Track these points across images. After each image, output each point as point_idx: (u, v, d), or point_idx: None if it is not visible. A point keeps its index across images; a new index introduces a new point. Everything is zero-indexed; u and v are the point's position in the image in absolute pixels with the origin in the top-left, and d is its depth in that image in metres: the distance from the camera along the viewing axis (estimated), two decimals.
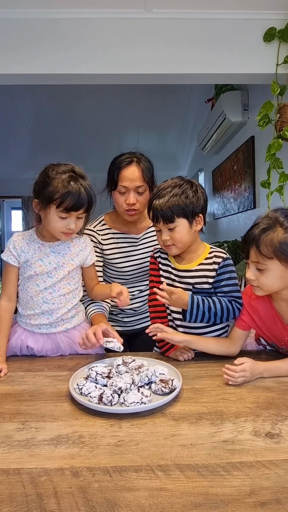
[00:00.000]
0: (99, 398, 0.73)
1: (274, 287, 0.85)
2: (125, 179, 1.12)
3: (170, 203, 0.93)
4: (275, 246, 0.79)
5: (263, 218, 0.85)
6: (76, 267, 1.06)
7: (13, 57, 1.63)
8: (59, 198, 0.93)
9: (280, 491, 0.50)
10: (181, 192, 0.94)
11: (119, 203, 1.17)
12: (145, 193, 1.15)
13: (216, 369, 0.93)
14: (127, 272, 1.26)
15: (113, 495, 0.50)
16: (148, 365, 0.88)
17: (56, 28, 1.63)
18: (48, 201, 0.94)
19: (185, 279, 1.00)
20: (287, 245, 0.79)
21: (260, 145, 2.22)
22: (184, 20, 1.66)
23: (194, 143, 3.98)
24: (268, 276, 0.83)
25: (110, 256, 1.24)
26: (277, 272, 0.82)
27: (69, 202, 0.93)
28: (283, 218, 0.82)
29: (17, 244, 1.03)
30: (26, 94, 3.11)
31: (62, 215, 0.95)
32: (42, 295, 1.02)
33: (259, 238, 0.81)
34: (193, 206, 0.95)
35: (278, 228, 0.81)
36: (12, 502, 0.49)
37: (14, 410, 0.74)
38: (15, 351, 1.06)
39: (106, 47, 1.65)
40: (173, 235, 0.96)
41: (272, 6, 1.61)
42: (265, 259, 0.81)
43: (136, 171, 1.12)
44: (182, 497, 0.50)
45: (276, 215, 0.83)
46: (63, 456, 0.59)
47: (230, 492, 0.50)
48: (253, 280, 0.85)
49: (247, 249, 0.85)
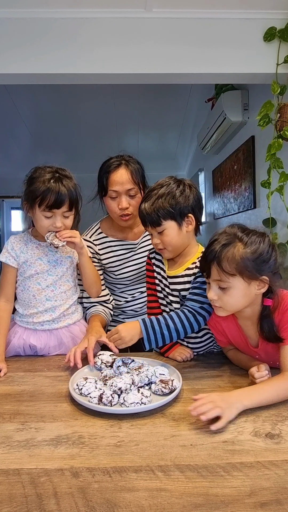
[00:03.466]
0: (99, 399, 0.73)
1: (238, 306, 0.81)
2: (114, 183, 1.10)
3: (155, 205, 0.89)
4: (238, 262, 0.76)
5: (221, 234, 0.81)
6: (73, 264, 1.09)
7: (13, 57, 1.63)
8: (40, 196, 0.95)
9: (280, 491, 0.50)
10: (167, 192, 0.90)
11: (111, 209, 1.14)
12: (137, 196, 1.12)
13: (216, 369, 0.93)
14: (126, 278, 1.25)
15: (113, 495, 0.50)
16: (148, 365, 0.88)
17: (56, 28, 1.63)
18: (32, 201, 0.97)
19: (174, 285, 0.98)
20: (249, 260, 0.76)
21: (260, 145, 2.22)
22: (184, 20, 1.65)
23: (194, 143, 3.97)
24: (231, 294, 0.78)
25: (108, 265, 1.23)
26: (240, 290, 0.78)
27: (49, 200, 0.95)
28: (241, 233, 0.79)
29: (15, 245, 1.05)
30: (26, 94, 3.11)
31: (46, 214, 0.97)
32: (45, 293, 1.05)
33: (220, 255, 0.77)
34: (180, 206, 0.90)
35: (238, 244, 0.78)
36: (12, 503, 0.49)
37: (14, 410, 0.74)
38: (18, 351, 1.07)
39: (106, 46, 1.65)
40: (163, 239, 0.92)
41: (272, 6, 1.61)
42: (227, 276, 0.77)
43: (125, 174, 1.09)
44: (182, 497, 0.50)
45: (233, 230, 0.81)
46: (63, 457, 0.59)
47: (230, 493, 0.50)
48: (215, 300, 0.80)
49: (208, 267, 0.80)
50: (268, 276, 0.78)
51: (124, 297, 1.30)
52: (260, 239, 0.79)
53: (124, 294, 1.29)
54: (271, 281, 0.79)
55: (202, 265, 0.83)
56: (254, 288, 0.79)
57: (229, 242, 0.78)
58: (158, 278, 1.03)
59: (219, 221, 3.36)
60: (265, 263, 0.78)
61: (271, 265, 0.78)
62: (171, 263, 1.01)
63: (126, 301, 1.30)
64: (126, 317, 1.33)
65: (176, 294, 0.98)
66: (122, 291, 1.29)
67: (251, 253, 0.77)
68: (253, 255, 0.77)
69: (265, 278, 0.78)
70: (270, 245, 0.80)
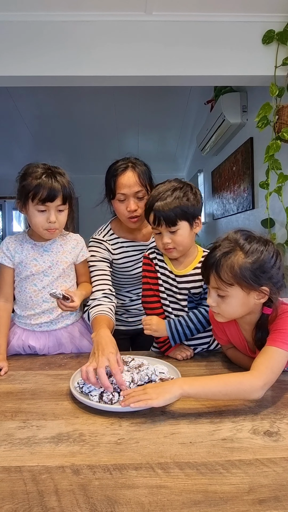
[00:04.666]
0: (99, 397, 0.74)
1: (236, 314, 0.80)
2: (122, 186, 1.10)
3: (173, 205, 0.92)
4: (236, 272, 0.73)
5: (223, 241, 0.78)
6: (70, 264, 1.08)
7: (14, 59, 1.64)
8: (33, 190, 0.95)
9: (278, 488, 0.51)
10: (183, 194, 0.93)
11: (120, 212, 1.14)
12: (145, 198, 1.12)
13: (215, 368, 0.94)
14: (136, 278, 1.25)
15: (113, 492, 0.51)
16: (148, 364, 0.88)
17: (57, 31, 1.64)
18: (25, 197, 0.97)
19: (183, 284, 1.00)
20: (248, 270, 0.73)
21: (259, 147, 2.23)
22: (184, 23, 1.67)
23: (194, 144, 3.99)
24: (229, 303, 0.76)
25: (121, 265, 1.22)
26: (238, 299, 0.76)
27: (42, 193, 0.95)
28: (243, 240, 0.76)
29: (10, 245, 1.04)
30: (27, 96, 3.12)
31: (39, 207, 0.97)
32: (41, 294, 1.03)
33: (219, 263, 0.74)
34: (194, 208, 0.95)
35: (239, 252, 0.74)
36: (14, 500, 0.49)
37: (15, 408, 0.74)
38: (18, 351, 1.07)
39: (106, 49, 1.66)
40: (175, 238, 0.94)
41: (270, 9, 1.62)
42: (225, 285, 0.75)
43: (132, 177, 1.09)
44: (182, 494, 0.50)
45: (236, 237, 0.77)
46: (64, 454, 0.59)
47: (229, 490, 0.51)
48: (214, 306, 0.80)
49: (207, 274, 0.78)
50: (269, 286, 0.74)
51: (129, 296, 1.30)
52: (263, 248, 0.75)
53: (129, 294, 1.30)
54: (271, 292, 0.75)
55: (202, 272, 0.81)
56: (253, 298, 0.76)
57: (229, 250, 0.75)
58: (162, 279, 1.04)
59: (218, 221, 3.37)
60: (265, 273, 0.74)
61: (273, 276, 0.74)
62: (176, 264, 1.02)
63: (131, 300, 1.30)
64: (130, 316, 1.33)
65: (185, 292, 1.00)
66: (128, 291, 1.29)
67: (251, 263, 0.73)
68: (253, 265, 0.73)
69: (265, 289, 0.75)
70: (274, 254, 0.75)
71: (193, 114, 3.55)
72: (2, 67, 1.64)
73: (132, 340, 1.36)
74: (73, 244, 1.10)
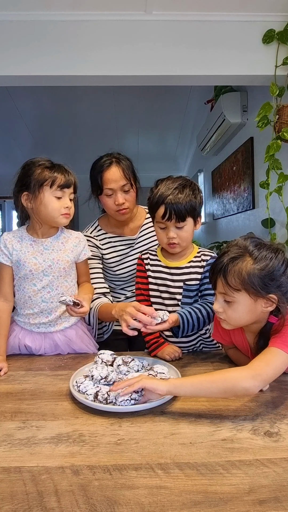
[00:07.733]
0: (94, 396, 0.74)
1: (242, 321, 0.78)
2: (109, 181, 1.13)
3: (185, 201, 0.94)
4: (243, 278, 0.72)
5: (233, 246, 0.78)
6: (71, 263, 1.05)
7: (14, 59, 1.64)
8: (50, 177, 0.96)
9: (278, 489, 0.51)
10: (192, 192, 0.96)
11: (108, 206, 1.16)
12: (130, 191, 1.16)
13: (216, 368, 0.94)
14: (126, 274, 1.26)
15: (113, 493, 0.50)
16: (148, 364, 0.88)
17: (57, 30, 1.64)
18: (40, 185, 0.97)
19: (177, 276, 1.01)
20: (256, 276, 0.72)
21: (259, 146, 2.23)
22: (184, 22, 1.66)
23: (194, 144, 3.98)
24: (236, 309, 0.76)
25: (110, 260, 1.24)
26: (245, 306, 0.75)
27: (61, 179, 0.97)
28: (253, 247, 0.75)
29: (8, 242, 1.01)
30: (26, 96, 3.12)
31: (57, 194, 0.98)
32: (41, 294, 1.01)
33: (226, 268, 0.74)
34: (199, 207, 0.98)
35: (247, 258, 0.74)
36: (13, 500, 0.49)
37: (15, 409, 0.74)
38: (13, 351, 1.06)
39: (106, 48, 1.66)
40: (181, 234, 0.96)
41: (271, 8, 1.62)
42: (232, 291, 0.74)
43: (118, 171, 1.12)
44: (182, 495, 0.50)
45: (245, 243, 0.77)
46: (64, 455, 0.59)
47: (229, 490, 0.51)
48: (220, 312, 0.79)
49: (214, 279, 0.78)
50: (278, 295, 0.73)
51: (123, 294, 1.30)
52: (272, 255, 0.74)
53: (123, 291, 1.30)
54: (280, 301, 0.74)
55: (210, 276, 0.81)
56: (261, 305, 0.75)
57: (238, 255, 0.75)
58: (153, 276, 1.04)
59: (218, 221, 3.37)
60: (274, 281, 0.73)
61: (282, 284, 0.73)
62: (169, 258, 1.04)
63: (126, 297, 1.31)
64: None
65: (179, 285, 1.01)
66: (121, 288, 1.30)
67: (259, 270, 0.72)
68: (261, 272, 0.72)
69: (273, 296, 0.73)
70: (284, 263, 0.74)
71: (193, 113, 3.55)
72: (2, 67, 1.64)
73: (130, 340, 1.36)
74: (75, 242, 1.08)
